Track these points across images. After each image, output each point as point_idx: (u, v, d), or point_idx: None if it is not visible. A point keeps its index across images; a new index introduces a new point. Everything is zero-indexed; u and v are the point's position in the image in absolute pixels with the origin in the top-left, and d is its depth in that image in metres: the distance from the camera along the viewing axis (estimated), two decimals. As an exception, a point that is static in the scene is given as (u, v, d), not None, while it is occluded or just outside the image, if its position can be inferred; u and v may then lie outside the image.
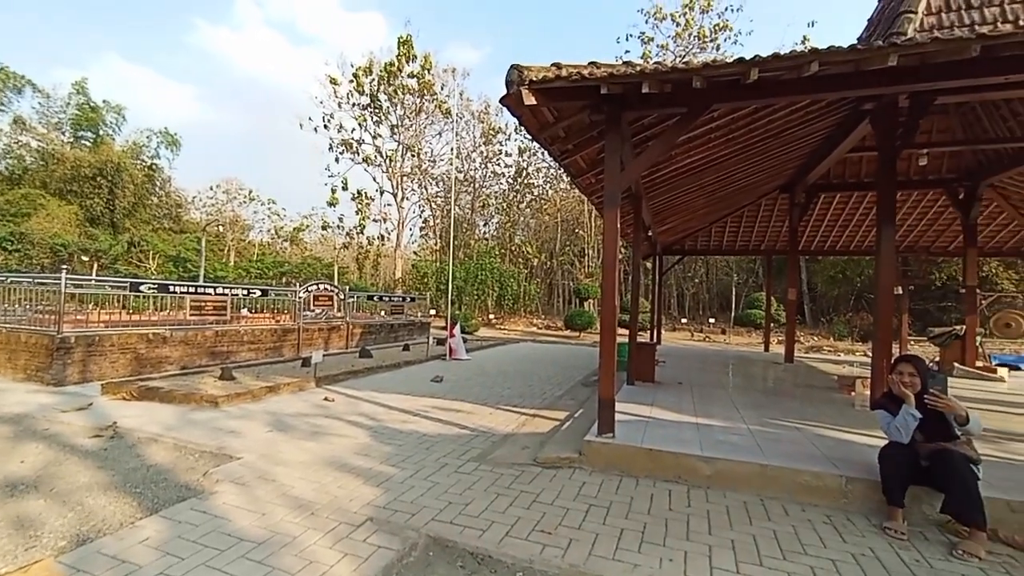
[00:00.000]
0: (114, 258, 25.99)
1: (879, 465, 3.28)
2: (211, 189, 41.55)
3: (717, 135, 6.23)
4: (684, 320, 28.38)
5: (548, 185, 35.69)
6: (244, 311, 11.36)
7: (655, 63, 3.83)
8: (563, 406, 6.61)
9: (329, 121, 32.89)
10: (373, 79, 32.27)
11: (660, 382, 7.44)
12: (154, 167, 34.40)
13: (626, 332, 8.01)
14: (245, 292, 11.27)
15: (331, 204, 33.07)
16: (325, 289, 13.15)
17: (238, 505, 3.23)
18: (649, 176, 7.37)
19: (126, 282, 8.94)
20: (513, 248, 35.28)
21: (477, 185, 36.02)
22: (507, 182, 36.02)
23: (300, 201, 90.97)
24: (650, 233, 11.29)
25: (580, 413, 6.05)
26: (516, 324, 28.62)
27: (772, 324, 16.38)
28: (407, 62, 31.95)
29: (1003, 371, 9.36)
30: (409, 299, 18.78)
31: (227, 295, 10.19)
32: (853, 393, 6.58)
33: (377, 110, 32.92)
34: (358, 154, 33.54)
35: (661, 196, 8.79)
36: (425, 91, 32.72)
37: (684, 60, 26.13)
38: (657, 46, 29.61)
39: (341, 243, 35.45)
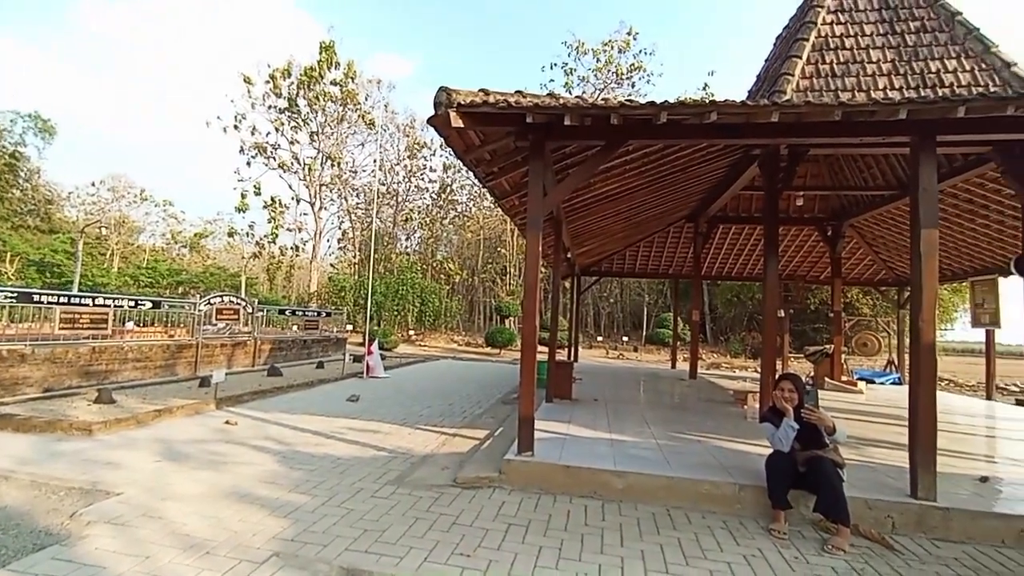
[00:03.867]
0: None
1: (765, 472, 3.65)
2: (92, 185, 36.90)
3: (631, 167, 6.70)
4: (600, 338, 29.71)
5: (472, 203, 35.99)
6: (130, 324, 10.15)
7: (577, 98, 4.08)
8: (483, 424, 6.62)
9: (241, 122, 30.76)
10: (292, 82, 30.80)
11: (577, 399, 7.70)
12: (17, 155, 29.86)
13: (545, 350, 8.23)
14: (132, 303, 10.08)
15: (240, 210, 30.73)
16: (230, 301, 12.13)
17: (115, 550, 2.85)
18: (569, 201, 7.72)
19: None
20: (435, 264, 34.96)
21: (400, 199, 35.43)
22: (431, 197, 35.85)
23: (203, 205, 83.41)
24: (569, 255, 11.77)
25: (500, 431, 6.09)
26: (437, 341, 28.22)
27: (678, 342, 17.66)
28: (329, 68, 30.93)
29: (862, 384, 10.86)
30: (325, 314, 17.86)
31: (108, 306, 9.04)
32: (746, 406, 7.27)
33: (296, 115, 31.39)
34: (273, 159, 31.63)
35: (580, 220, 9.24)
36: (348, 100, 31.81)
37: (603, 96, 27.93)
38: (579, 78, 31.38)
39: (250, 252, 32.88)
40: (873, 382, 12.68)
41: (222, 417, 6.40)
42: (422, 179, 35.49)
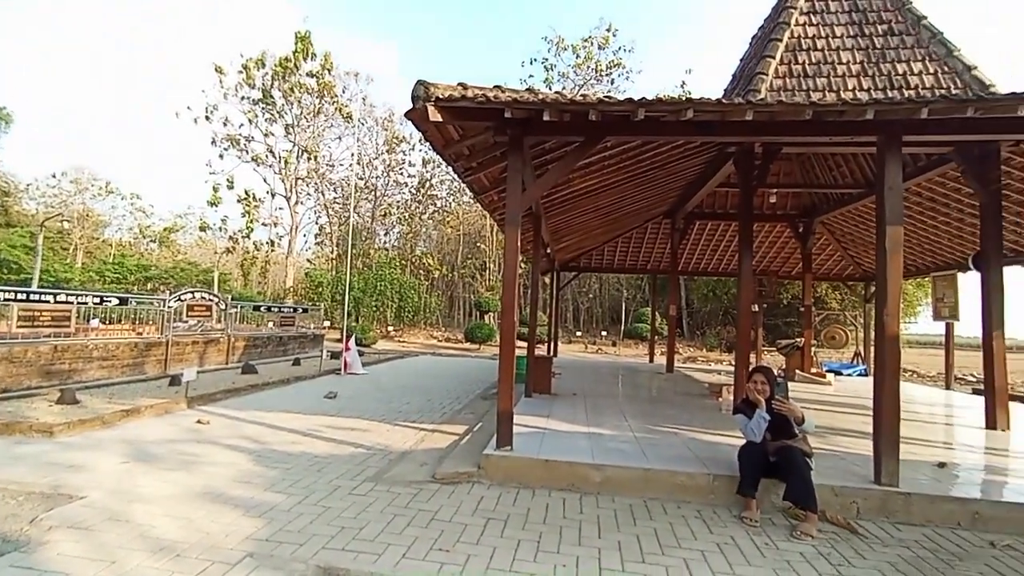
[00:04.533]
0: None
1: (738, 463, 3.75)
2: (53, 177, 35.33)
3: (610, 163, 6.76)
4: (579, 333, 29.93)
5: (452, 198, 35.74)
6: (95, 322, 9.78)
7: (556, 93, 4.08)
8: (462, 420, 6.61)
9: (212, 113, 29.85)
10: (266, 73, 30.01)
11: (556, 393, 7.76)
12: (-32, 145, 28.42)
13: (525, 345, 8.26)
14: (97, 300, 9.72)
15: (212, 204, 29.84)
16: (202, 297, 11.81)
17: (79, 555, 2.75)
18: (548, 197, 7.74)
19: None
20: (414, 259, 34.67)
21: (379, 193, 34.95)
22: (410, 192, 35.48)
23: (173, 198, 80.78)
24: (549, 250, 11.82)
25: (479, 427, 6.10)
26: (416, 337, 28.04)
27: (656, 337, 17.93)
28: (305, 59, 30.22)
29: (830, 376, 11.22)
30: (301, 310, 17.53)
31: (71, 303, 8.69)
32: (720, 399, 7.44)
33: (270, 107, 30.60)
34: (246, 152, 30.81)
35: (559, 216, 9.27)
36: (325, 92, 31.15)
37: (582, 92, 28.02)
38: (559, 74, 31.37)
39: (224, 247, 31.99)
40: (841, 374, 13.12)
41: (194, 416, 6.24)
42: (401, 174, 35.08)
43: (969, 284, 10.84)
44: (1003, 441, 5.75)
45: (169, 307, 10.47)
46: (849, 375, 13.32)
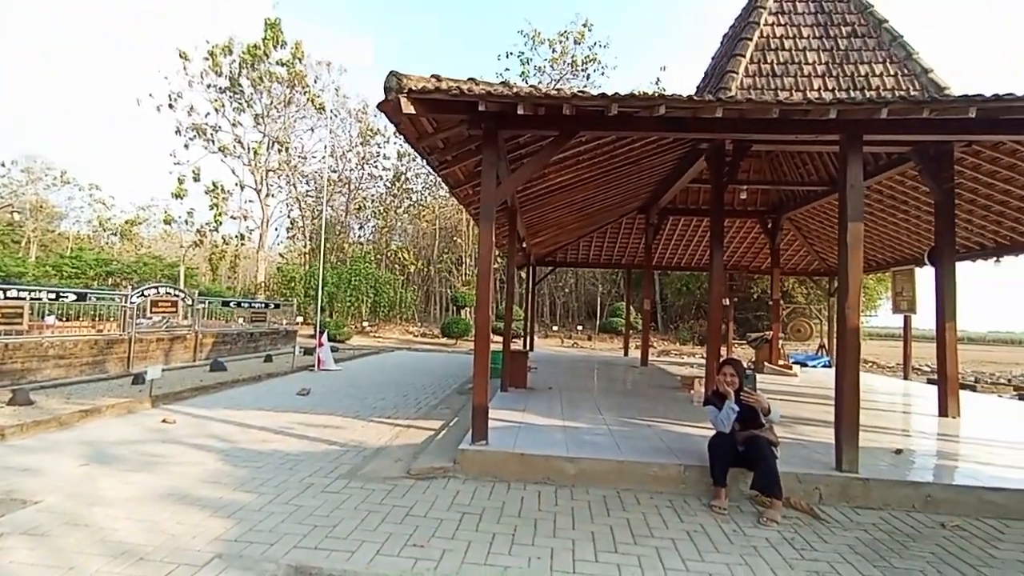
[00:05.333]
0: None
1: (708, 453, 3.85)
2: (3, 166, 33.44)
3: (585, 158, 6.80)
4: (555, 327, 30.15)
5: (427, 191, 35.34)
6: (50, 319, 9.34)
7: (530, 86, 4.07)
8: (438, 415, 6.59)
9: (176, 100, 28.69)
10: (233, 60, 28.98)
11: (532, 388, 7.80)
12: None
13: (501, 340, 8.27)
14: (53, 295, 9.28)
15: (177, 196, 28.72)
16: (167, 293, 11.40)
17: (34, 562, 2.63)
18: (524, 191, 7.75)
19: None
20: (389, 254, 34.23)
21: (353, 187, 34.30)
22: (385, 186, 34.91)
23: (135, 190, 77.55)
24: (524, 245, 11.84)
25: (455, 422, 6.09)
26: (391, 332, 27.73)
27: (631, 331, 18.19)
28: (275, 47, 29.31)
29: (797, 368, 11.62)
30: (273, 305, 17.12)
31: (23, 299, 8.27)
32: (692, 391, 7.61)
33: (238, 96, 29.59)
34: (213, 142, 29.74)
35: (535, 211, 9.29)
36: (296, 82, 30.29)
37: (558, 86, 28.06)
38: (535, 68, 31.30)
39: (190, 241, 30.88)
40: (806, 365, 13.61)
41: (158, 416, 6.04)
42: (375, 167, 34.47)
43: (926, 279, 11.39)
44: (954, 428, 6.06)
45: (132, 303, 10.08)
46: (814, 366, 13.82)
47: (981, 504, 3.72)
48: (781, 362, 11.82)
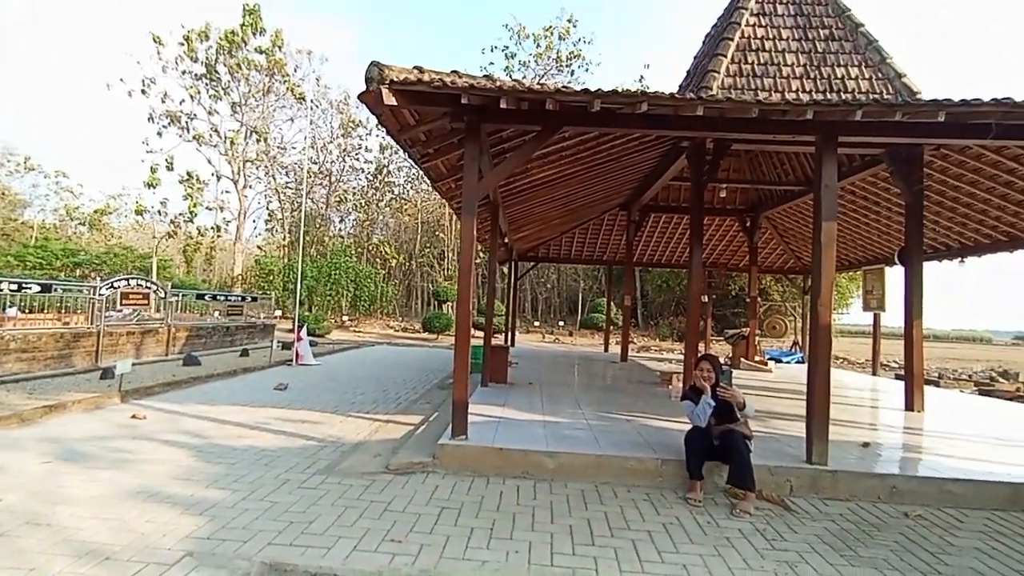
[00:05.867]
0: None
1: (684, 447, 3.91)
2: (-38, 152, 31.92)
3: (567, 154, 6.80)
4: (537, 323, 30.29)
5: (409, 185, 35.04)
6: (12, 311, 8.99)
7: (514, 80, 4.05)
8: (418, 410, 6.56)
9: (150, 86, 27.79)
10: (210, 46, 28.17)
11: (513, 383, 7.82)
12: None
13: (482, 335, 8.26)
14: (15, 287, 8.93)
15: (150, 185, 27.92)
16: (138, 285, 11.07)
17: (-6, 561, 2.54)
18: (506, 186, 7.72)
19: None
20: (371, 247, 33.85)
21: (334, 179, 33.77)
22: (366, 178, 34.46)
23: (105, 178, 74.85)
24: (507, 240, 11.82)
25: (435, 416, 6.06)
26: (372, 326, 27.48)
27: (611, 327, 18.37)
28: (254, 34, 28.59)
29: (772, 363, 11.89)
30: (250, 299, 16.79)
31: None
32: (671, 387, 7.72)
33: (215, 83, 28.79)
34: (188, 130, 28.92)
35: (517, 206, 9.28)
36: (275, 70, 29.62)
37: (541, 81, 28.00)
38: (519, 62, 31.21)
39: (164, 232, 30.02)
40: (780, 361, 13.94)
41: (128, 411, 5.87)
42: (357, 159, 34.00)
43: (895, 278, 11.76)
44: (919, 421, 6.29)
45: (101, 295, 9.75)
46: (788, 362, 14.16)
47: (941, 494, 3.87)
48: (757, 358, 12.08)
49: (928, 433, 5.70)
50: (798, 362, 14.26)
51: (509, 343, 14.59)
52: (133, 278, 11.47)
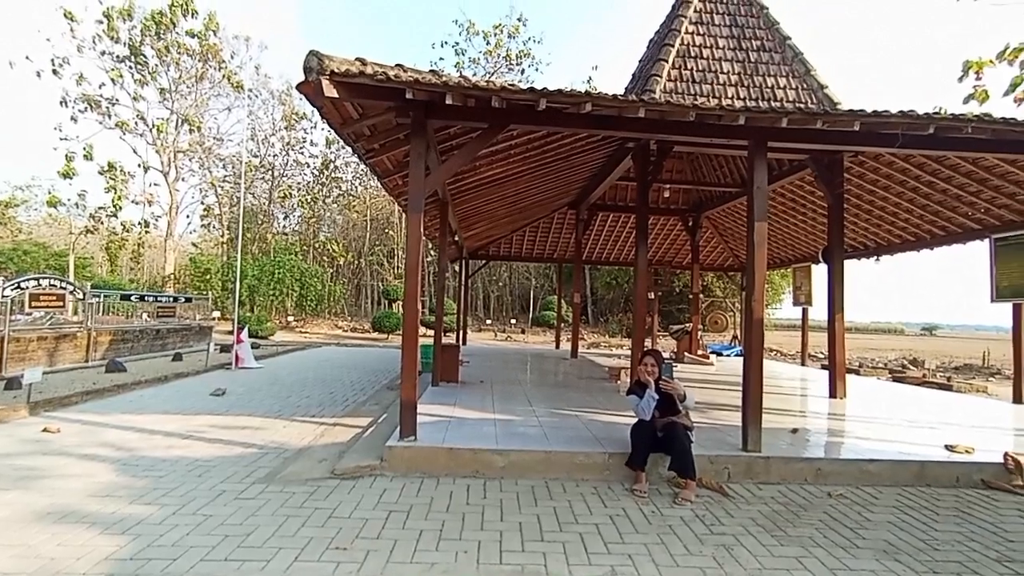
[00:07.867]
0: None
1: (631, 440, 4.03)
2: None
3: (516, 152, 6.83)
4: (489, 321, 30.26)
5: (357, 181, 33.93)
6: None
7: (460, 76, 4.00)
8: (366, 412, 6.39)
9: (62, 67, 25.33)
10: (133, 26, 26.06)
11: (464, 382, 7.77)
12: None
13: (432, 333, 8.16)
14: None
15: (65, 176, 25.42)
16: (51, 285, 10.08)
17: None
18: (456, 183, 7.66)
19: None
20: (317, 245, 32.61)
21: (277, 173, 32.18)
22: (312, 173, 33.07)
23: (11, 167, 67.60)
24: (457, 238, 11.73)
25: (384, 418, 5.93)
26: (319, 327, 26.51)
27: (562, 324, 18.66)
28: (184, 16, 26.70)
29: (713, 357, 12.49)
30: (184, 299, 15.73)
31: None
32: (619, 381, 7.95)
33: (140, 67, 26.67)
34: (109, 116, 26.63)
35: (467, 203, 9.22)
36: (210, 55, 27.82)
37: (491, 79, 27.96)
38: (469, 59, 30.97)
39: (83, 227, 27.47)
40: (721, 354, 14.67)
41: (38, 424, 5.34)
42: (302, 153, 32.52)
43: (821, 275, 12.67)
44: (841, 407, 6.81)
45: (5, 296, 8.81)
46: (728, 355, 14.93)
47: (860, 474, 4.20)
48: (700, 352, 12.66)
49: (849, 418, 6.19)
50: (738, 355, 15.06)
51: (460, 342, 14.49)
52: (45, 277, 10.43)
